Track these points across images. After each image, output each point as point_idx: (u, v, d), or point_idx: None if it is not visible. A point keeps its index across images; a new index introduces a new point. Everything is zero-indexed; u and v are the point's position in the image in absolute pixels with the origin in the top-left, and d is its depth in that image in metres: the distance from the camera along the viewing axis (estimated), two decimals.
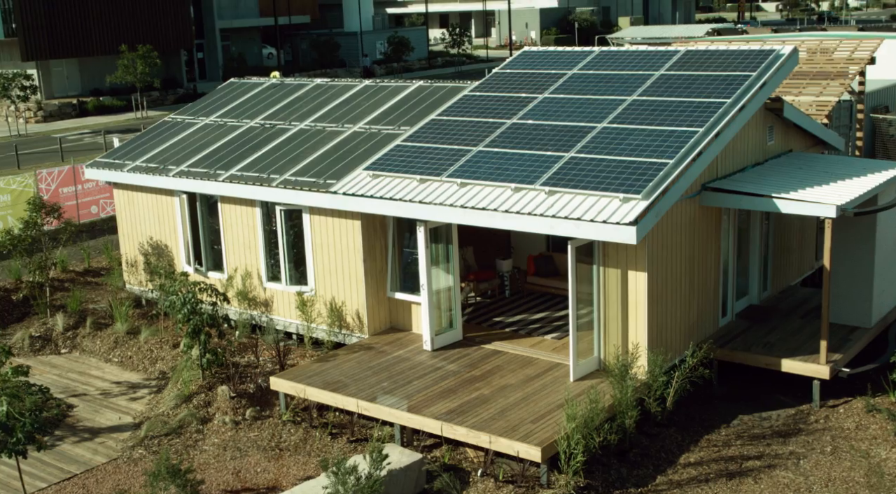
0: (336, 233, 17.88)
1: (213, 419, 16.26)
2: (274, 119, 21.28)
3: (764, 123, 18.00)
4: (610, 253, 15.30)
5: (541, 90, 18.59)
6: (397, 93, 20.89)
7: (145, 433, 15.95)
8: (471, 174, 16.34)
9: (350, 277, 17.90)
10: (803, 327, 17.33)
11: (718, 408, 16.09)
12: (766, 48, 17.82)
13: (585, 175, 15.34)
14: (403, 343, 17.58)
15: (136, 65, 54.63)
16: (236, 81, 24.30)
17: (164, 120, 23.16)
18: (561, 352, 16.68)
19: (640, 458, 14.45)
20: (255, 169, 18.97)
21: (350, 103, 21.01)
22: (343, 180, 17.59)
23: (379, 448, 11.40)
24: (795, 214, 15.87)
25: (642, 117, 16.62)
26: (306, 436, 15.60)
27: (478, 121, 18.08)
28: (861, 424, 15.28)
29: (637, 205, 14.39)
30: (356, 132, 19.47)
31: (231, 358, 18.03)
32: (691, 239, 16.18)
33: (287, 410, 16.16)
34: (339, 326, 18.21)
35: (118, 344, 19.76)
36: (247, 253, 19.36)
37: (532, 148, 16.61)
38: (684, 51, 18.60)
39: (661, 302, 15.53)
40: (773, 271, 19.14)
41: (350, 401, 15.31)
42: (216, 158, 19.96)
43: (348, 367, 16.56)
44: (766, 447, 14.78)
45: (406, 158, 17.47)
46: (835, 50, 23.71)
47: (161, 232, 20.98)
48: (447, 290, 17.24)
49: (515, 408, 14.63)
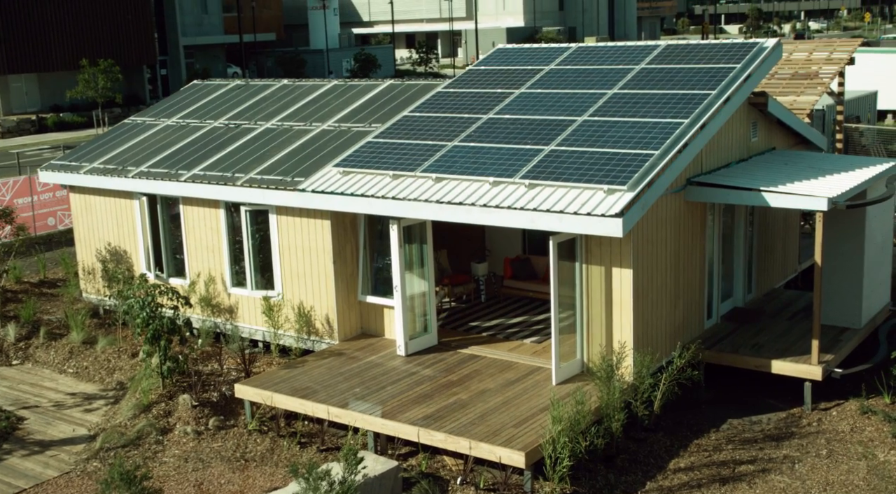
0: (304, 234, 17.03)
1: (174, 429, 15.29)
2: (239, 119, 20.43)
3: (748, 119, 17.43)
4: (593, 250, 14.58)
5: (517, 86, 17.91)
6: (367, 92, 20.14)
7: (100, 445, 14.95)
8: (446, 169, 15.59)
9: (319, 280, 17.04)
10: (791, 328, 16.69)
11: (706, 413, 15.39)
12: (749, 41, 17.28)
13: (567, 167, 14.64)
14: (376, 348, 16.73)
15: (98, 79, 53.46)
16: (199, 83, 23.44)
17: (123, 122, 22.24)
18: (541, 356, 15.91)
19: (628, 464, 13.67)
20: (218, 168, 18.10)
21: (318, 102, 20.22)
22: (312, 178, 16.76)
23: (354, 449, 10.54)
24: (785, 208, 15.25)
25: (624, 110, 15.98)
26: (273, 446, 14.67)
27: (452, 116, 17.36)
28: (856, 426, 14.62)
29: (623, 197, 13.70)
30: (325, 130, 18.67)
31: (193, 367, 17.08)
32: (676, 236, 15.51)
33: (253, 419, 15.23)
34: (308, 332, 17.32)
35: (73, 355, 18.72)
36: (210, 257, 18.45)
37: (510, 142, 15.91)
38: (665, 45, 18.03)
39: (646, 301, 14.82)
40: (758, 273, 18.53)
41: (320, 408, 14.43)
42: (178, 158, 19.06)
43: (318, 373, 15.68)
44: (759, 451, 14.07)
45: (378, 154, 16.70)
46: (812, 51, 23.31)
47: (120, 237, 20.01)
48: (421, 293, 16.44)
49: (496, 413, 13.83)
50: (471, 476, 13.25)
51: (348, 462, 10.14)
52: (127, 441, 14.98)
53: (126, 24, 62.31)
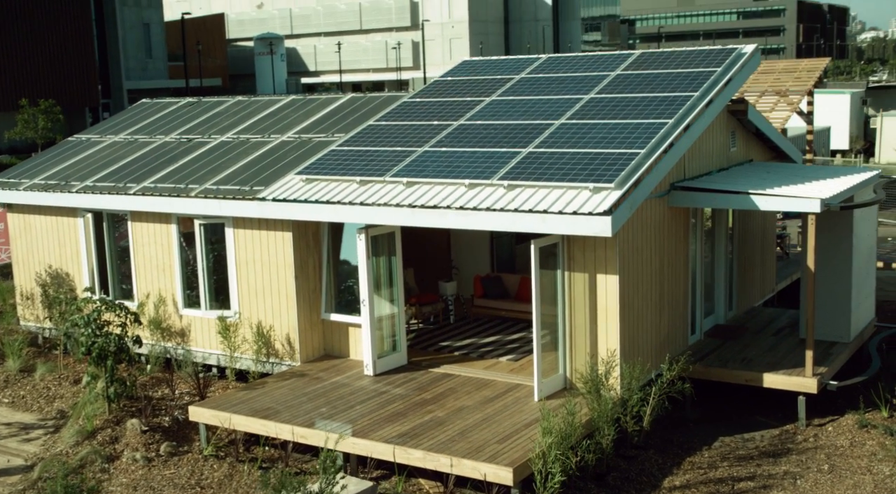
0: (264, 248, 15.91)
1: (122, 456, 13.93)
2: (192, 133, 19.33)
3: (727, 127, 16.81)
4: (576, 257, 13.69)
5: (487, 94, 17.12)
6: (328, 105, 19.20)
7: (39, 474, 13.53)
8: (417, 173, 14.65)
9: (280, 298, 15.90)
10: (778, 344, 15.92)
11: (695, 431, 14.46)
12: (727, 47, 16.72)
13: (548, 168, 13.79)
14: (341, 369, 15.58)
15: (38, 120, 51.77)
16: (148, 101, 22.31)
17: (66, 140, 20.98)
18: (520, 374, 14.90)
19: (620, 482, 12.65)
20: (171, 180, 16.96)
21: (276, 116, 19.23)
22: (272, 186, 15.71)
23: (332, 456, 9.38)
24: (773, 211, 14.50)
25: (604, 113, 15.23)
26: (232, 472, 13.39)
27: (421, 124, 16.48)
28: (855, 441, 13.78)
29: (610, 195, 12.85)
30: (285, 141, 17.65)
31: (143, 392, 15.75)
32: (660, 244, 14.70)
33: (209, 444, 13.95)
34: (267, 354, 16.12)
35: (9, 384, 17.24)
36: (161, 276, 17.20)
37: (484, 146, 15.04)
38: (639, 52, 17.40)
39: (632, 311, 13.93)
40: (739, 290, 17.80)
41: (284, 428, 13.21)
42: (126, 172, 17.87)
43: (280, 394, 14.48)
44: (757, 467, 13.14)
45: (343, 162, 15.72)
46: (780, 71, 22.97)
47: (62, 259, 18.67)
48: (390, 309, 15.38)
49: (477, 429, 12.74)
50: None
51: (326, 471, 8.98)
52: (68, 470, 13.57)
53: (69, 66, 60.88)
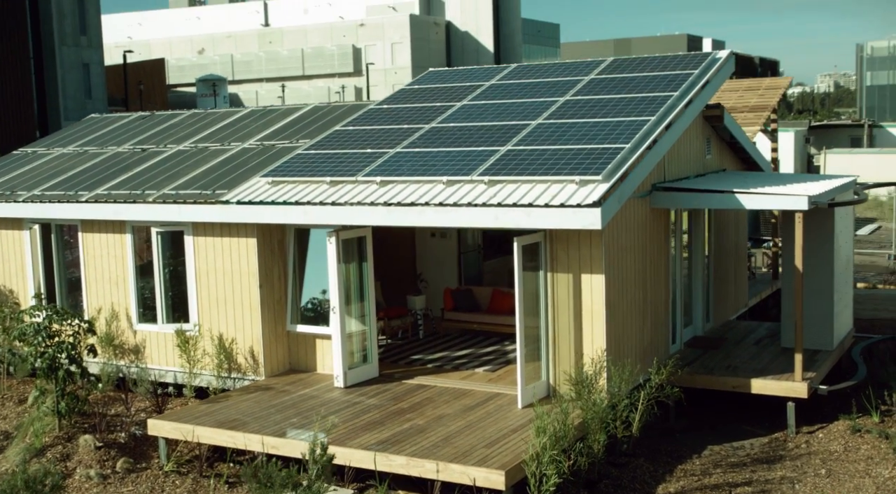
0: (226, 256, 15.08)
1: (74, 474, 12.88)
2: (146, 144, 18.48)
3: (703, 133, 16.50)
4: (559, 257, 13.11)
5: (458, 99, 16.61)
6: (290, 114, 18.52)
7: None
8: (391, 172, 14.02)
9: (243, 308, 15.05)
10: (761, 352, 15.47)
11: (682, 440, 13.86)
12: (701, 52, 16.45)
13: (530, 164, 13.26)
14: (308, 382, 14.73)
15: None
16: (97, 116, 21.41)
17: (11, 153, 19.97)
18: (498, 383, 14.21)
19: (612, 489, 11.97)
20: (126, 187, 16.08)
21: (235, 126, 18.49)
22: (236, 189, 14.94)
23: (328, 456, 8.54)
24: (760, 209, 14.09)
25: (582, 112, 14.79)
26: (196, 487, 12.42)
27: (391, 128, 15.88)
28: (849, 446, 13.30)
29: (598, 188, 12.34)
30: (246, 148, 16.91)
31: (96, 408, 14.70)
32: (643, 247, 14.21)
33: (169, 460, 12.96)
34: (229, 369, 15.20)
35: None
36: (113, 290, 16.22)
37: (460, 146, 14.48)
38: (612, 59, 17.06)
39: (618, 312, 13.37)
40: (715, 302, 17.37)
41: (253, 439, 12.31)
42: (78, 181, 16.95)
43: (245, 407, 13.58)
44: (752, 473, 12.56)
45: (311, 164, 15.03)
46: (745, 89, 22.90)
47: (5, 275, 17.58)
48: (361, 317, 14.63)
49: (461, 435, 11.99)
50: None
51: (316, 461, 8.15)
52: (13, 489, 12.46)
53: (4, 105, 59.31)
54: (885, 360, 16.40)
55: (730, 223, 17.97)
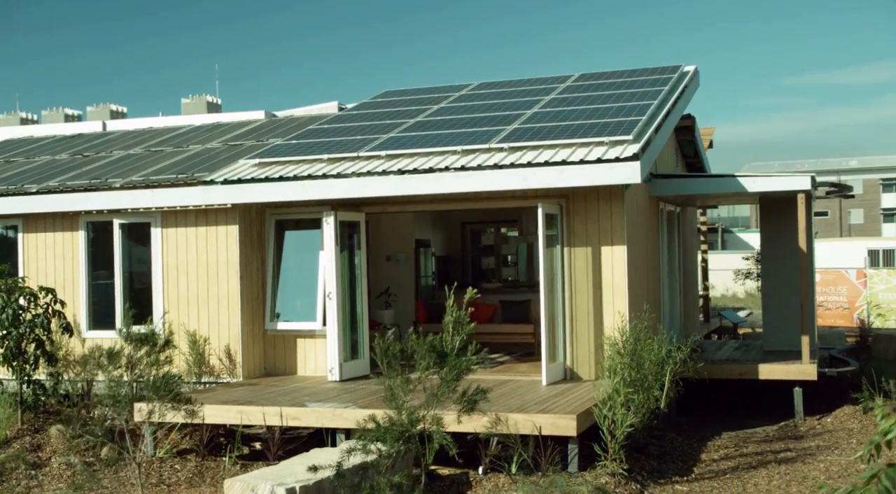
0: (201, 247, 13.90)
1: (49, 463, 11.15)
2: (86, 152, 17.11)
3: (673, 147, 16.72)
4: (577, 230, 12.71)
5: (435, 103, 16.24)
6: (244, 126, 17.65)
7: None
8: (399, 146, 13.40)
9: (219, 304, 13.82)
10: (749, 351, 15.40)
11: (692, 431, 13.38)
12: (669, 65, 16.82)
13: (552, 130, 12.95)
14: (295, 380, 13.53)
15: None
16: (14, 139, 19.81)
17: None
18: (506, 373, 13.47)
19: (661, 454, 11.34)
20: (85, 178, 14.72)
21: (186, 135, 17.47)
22: (220, 171, 13.91)
23: None
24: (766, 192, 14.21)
25: (576, 103, 14.69)
26: (201, 469, 10.96)
27: (374, 124, 15.29)
28: (866, 423, 13.19)
29: (629, 147, 12.08)
30: (210, 147, 15.92)
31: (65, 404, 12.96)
32: (645, 233, 14.03)
33: (157, 449, 11.44)
34: (200, 372, 13.79)
35: None
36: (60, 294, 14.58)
37: (464, 127, 14.04)
38: (580, 74, 17.17)
39: (636, 289, 13.01)
40: (684, 318, 17.28)
41: (271, 411, 11.04)
42: (23, 178, 15.43)
43: (241, 394, 12.27)
44: (785, 445, 12.21)
45: (300, 147, 14.21)
46: None
47: None
48: (352, 312, 13.67)
49: (500, 401, 11.13)
50: (489, 464, 10.35)
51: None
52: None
53: None
54: (866, 357, 16.63)
55: (688, 247, 18.05)
